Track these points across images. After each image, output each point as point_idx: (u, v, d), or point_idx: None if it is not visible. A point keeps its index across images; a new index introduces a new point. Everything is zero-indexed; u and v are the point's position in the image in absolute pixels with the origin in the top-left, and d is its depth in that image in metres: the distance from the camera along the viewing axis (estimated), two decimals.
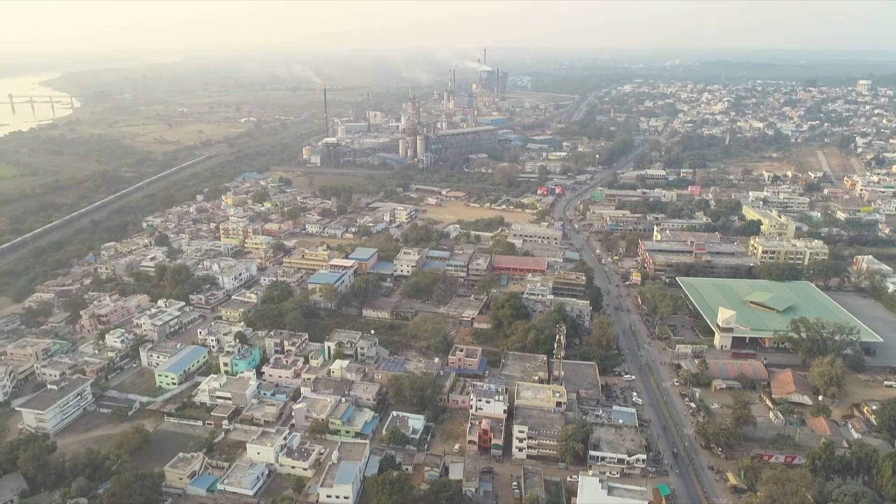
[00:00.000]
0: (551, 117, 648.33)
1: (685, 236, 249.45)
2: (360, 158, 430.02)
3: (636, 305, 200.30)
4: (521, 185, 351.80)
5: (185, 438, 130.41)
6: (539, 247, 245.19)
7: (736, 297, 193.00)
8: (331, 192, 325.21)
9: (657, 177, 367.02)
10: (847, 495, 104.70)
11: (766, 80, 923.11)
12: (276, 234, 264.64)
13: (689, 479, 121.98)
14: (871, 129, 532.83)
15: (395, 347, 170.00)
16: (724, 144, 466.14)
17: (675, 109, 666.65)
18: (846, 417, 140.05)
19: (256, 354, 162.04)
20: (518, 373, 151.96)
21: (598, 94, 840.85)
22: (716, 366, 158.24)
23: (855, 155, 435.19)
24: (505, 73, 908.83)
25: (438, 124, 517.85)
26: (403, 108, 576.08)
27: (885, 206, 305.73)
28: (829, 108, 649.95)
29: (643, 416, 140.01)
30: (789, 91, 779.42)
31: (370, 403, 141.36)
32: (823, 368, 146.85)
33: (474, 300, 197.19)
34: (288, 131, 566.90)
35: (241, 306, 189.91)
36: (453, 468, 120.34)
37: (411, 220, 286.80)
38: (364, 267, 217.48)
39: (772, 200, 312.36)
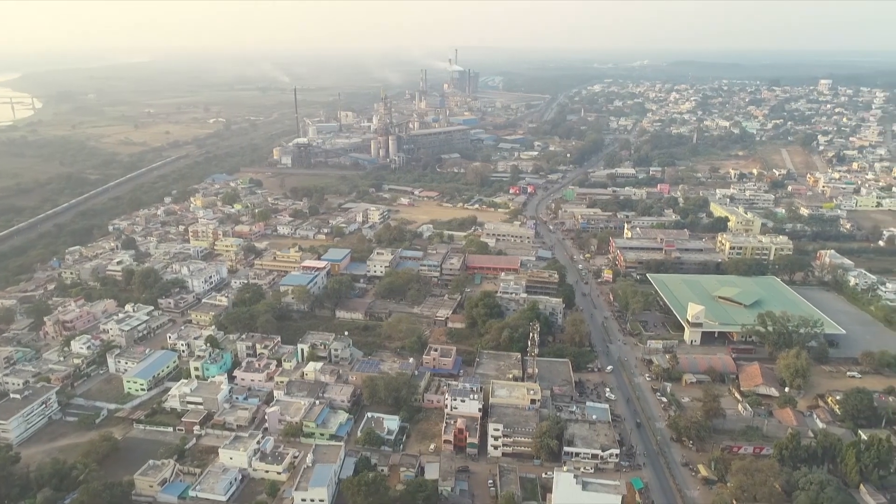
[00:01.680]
0: (523, 117, 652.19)
1: (655, 234, 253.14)
2: (331, 159, 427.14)
3: (608, 302, 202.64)
4: (494, 185, 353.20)
5: (156, 445, 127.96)
6: (512, 246, 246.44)
7: (705, 292, 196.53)
8: (302, 193, 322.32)
9: (627, 175, 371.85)
10: (813, 483, 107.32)
11: (732, 79, 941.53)
12: (247, 235, 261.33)
13: (662, 472, 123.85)
14: (832, 127, 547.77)
15: (370, 348, 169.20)
16: (691, 143, 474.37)
17: (643, 109, 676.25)
18: (811, 408, 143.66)
19: (228, 358, 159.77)
20: (492, 371, 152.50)
21: (568, 93, 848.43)
22: (686, 360, 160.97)
23: (817, 153, 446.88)
24: (476, 73, 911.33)
25: (410, 124, 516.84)
26: (375, 109, 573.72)
27: (846, 202, 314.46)
28: (792, 107, 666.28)
29: (616, 412, 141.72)
30: (754, 90, 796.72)
31: (345, 405, 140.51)
32: (789, 361, 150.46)
33: (448, 300, 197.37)
34: (258, 132, 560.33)
35: (212, 310, 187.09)
36: (429, 468, 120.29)
37: (384, 221, 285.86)
38: (337, 268, 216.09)
39: (738, 198, 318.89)
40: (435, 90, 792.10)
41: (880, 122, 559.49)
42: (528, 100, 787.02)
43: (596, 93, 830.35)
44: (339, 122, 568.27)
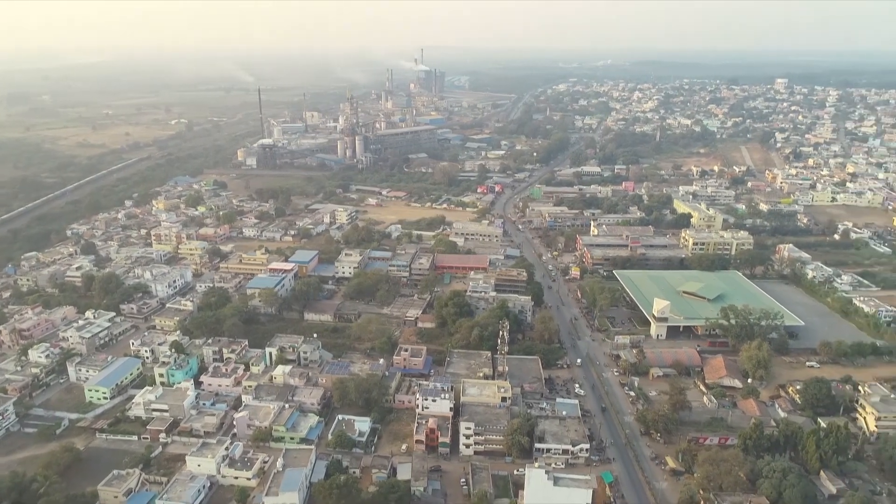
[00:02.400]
0: (489, 116, 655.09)
1: (621, 231, 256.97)
2: (297, 160, 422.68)
3: (576, 299, 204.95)
4: (462, 184, 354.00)
5: (120, 455, 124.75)
6: (480, 245, 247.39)
7: (670, 287, 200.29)
8: (268, 195, 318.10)
9: (593, 173, 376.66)
10: (776, 471, 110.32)
11: (693, 79, 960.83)
12: (212, 238, 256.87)
13: (631, 465, 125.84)
14: (789, 124, 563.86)
15: (339, 350, 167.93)
16: (655, 141, 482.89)
17: (608, 108, 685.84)
18: (773, 398, 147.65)
19: (194, 363, 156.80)
20: (463, 370, 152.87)
21: (534, 93, 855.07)
22: (653, 354, 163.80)
23: (775, 149, 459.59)
24: (442, 73, 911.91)
25: (377, 124, 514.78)
26: (341, 109, 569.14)
27: (803, 197, 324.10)
28: (750, 105, 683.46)
29: (585, 407, 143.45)
30: (714, 89, 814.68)
31: (315, 408, 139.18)
32: (751, 353, 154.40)
33: (418, 300, 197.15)
34: (221, 133, 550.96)
35: (177, 314, 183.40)
36: (401, 468, 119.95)
37: (352, 222, 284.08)
38: (305, 270, 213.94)
39: (700, 194, 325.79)
40: (401, 90, 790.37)
41: (834, 120, 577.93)
42: (494, 99, 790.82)
43: (561, 92, 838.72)
44: (305, 123, 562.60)
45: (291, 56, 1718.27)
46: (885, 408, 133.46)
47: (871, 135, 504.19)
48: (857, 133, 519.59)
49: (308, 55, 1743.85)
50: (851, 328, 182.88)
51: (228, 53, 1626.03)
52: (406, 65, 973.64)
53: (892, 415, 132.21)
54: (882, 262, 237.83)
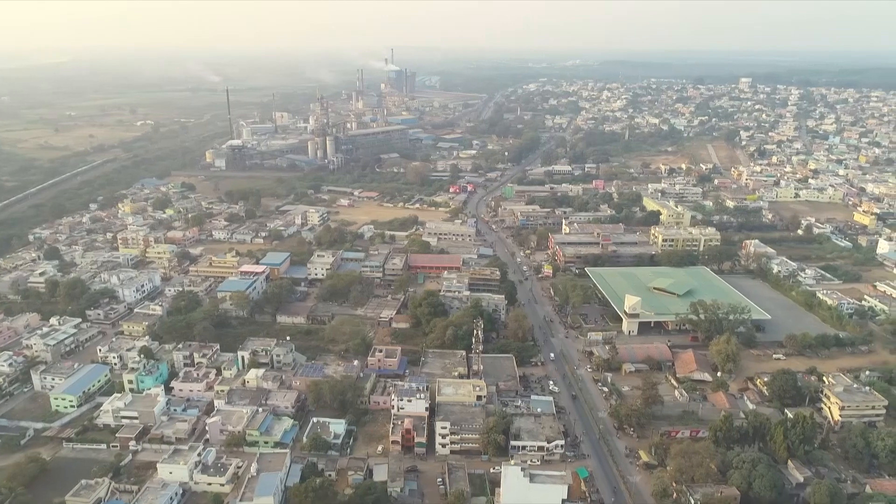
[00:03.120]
0: (460, 116, 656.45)
1: (592, 228, 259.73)
2: (267, 161, 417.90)
3: (549, 297, 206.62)
4: (434, 184, 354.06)
5: (88, 464, 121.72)
6: (454, 244, 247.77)
7: (640, 284, 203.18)
8: (238, 197, 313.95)
9: (564, 172, 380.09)
10: (745, 462, 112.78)
11: (660, 78, 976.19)
12: (181, 241, 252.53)
13: (605, 460, 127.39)
14: (753, 123, 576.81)
15: (313, 352, 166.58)
16: (624, 140, 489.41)
17: (577, 107, 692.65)
18: (742, 390, 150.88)
19: (164, 369, 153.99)
20: (438, 370, 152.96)
21: (504, 92, 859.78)
22: (625, 350, 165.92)
23: (740, 147, 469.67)
24: (413, 73, 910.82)
25: (348, 125, 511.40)
26: (311, 109, 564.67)
27: (767, 193, 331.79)
28: (716, 104, 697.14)
29: (560, 404, 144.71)
30: (680, 89, 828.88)
31: (289, 411, 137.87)
32: (720, 346, 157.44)
33: (392, 300, 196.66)
34: (189, 134, 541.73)
35: (145, 319, 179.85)
36: (377, 470, 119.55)
37: (324, 223, 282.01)
38: (276, 272, 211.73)
39: (669, 192, 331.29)
40: (372, 90, 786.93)
41: (796, 118, 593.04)
42: (465, 99, 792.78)
43: (531, 92, 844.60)
44: (275, 124, 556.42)
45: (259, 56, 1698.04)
46: (848, 397, 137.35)
47: (831, 132, 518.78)
48: (818, 131, 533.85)
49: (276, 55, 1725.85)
50: (815, 320, 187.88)
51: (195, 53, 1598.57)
52: (376, 65, 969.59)
53: (856, 404, 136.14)
54: (843, 256, 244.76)
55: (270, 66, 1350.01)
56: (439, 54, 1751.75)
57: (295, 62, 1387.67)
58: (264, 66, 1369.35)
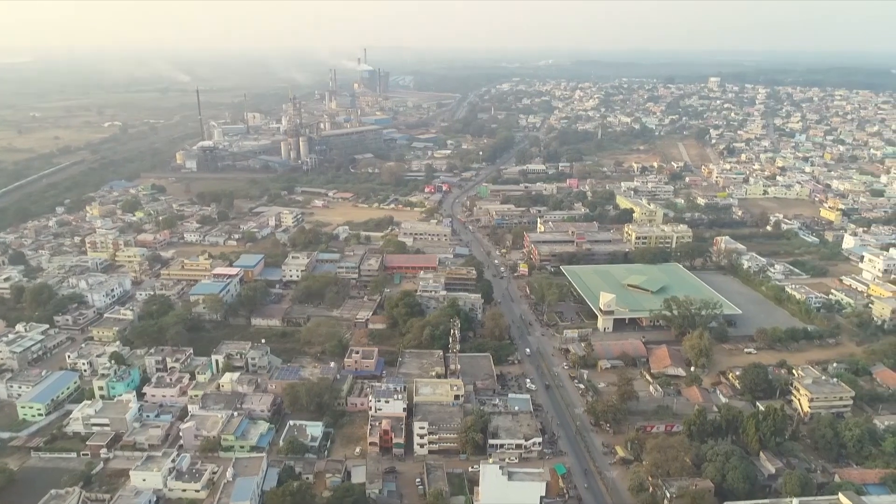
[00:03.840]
0: (434, 116, 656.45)
1: (566, 227, 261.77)
2: (239, 162, 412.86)
3: (525, 295, 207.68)
4: (409, 184, 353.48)
5: (58, 473, 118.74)
6: (429, 244, 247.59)
7: (615, 281, 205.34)
8: (210, 199, 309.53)
9: (538, 171, 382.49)
10: (719, 454, 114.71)
11: (632, 78, 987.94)
12: (152, 244, 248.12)
13: (583, 456, 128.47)
14: (722, 121, 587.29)
15: (289, 355, 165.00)
16: (597, 139, 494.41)
17: (550, 106, 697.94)
18: (715, 384, 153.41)
19: (136, 375, 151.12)
20: (416, 370, 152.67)
21: (478, 92, 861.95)
22: (601, 347, 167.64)
23: (710, 145, 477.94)
24: (386, 73, 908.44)
25: (321, 125, 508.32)
26: (284, 109, 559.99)
27: (737, 191, 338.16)
28: (686, 103, 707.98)
29: (537, 401, 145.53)
30: (651, 88, 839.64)
31: (265, 415, 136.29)
32: (693, 342, 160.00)
33: (368, 301, 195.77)
34: (159, 135, 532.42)
35: (116, 324, 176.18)
36: (355, 472, 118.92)
37: (298, 224, 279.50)
38: (250, 274, 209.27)
39: (641, 190, 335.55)
40: (345, 90, 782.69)
41: (763, 117, 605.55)
42: (439, 99, 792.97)
43: (504, 91, 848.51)
44: (247, 124, 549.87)
45: (229, 56, 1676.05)
46: (817, 389, 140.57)
47: (798, 130, 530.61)
48: (785, 129, 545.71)
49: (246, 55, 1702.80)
50: (785, 314, 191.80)
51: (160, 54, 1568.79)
52: (349, 65, 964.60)
53: (824, 396, 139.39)
54: (811, 251, 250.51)
55: (240, 67, 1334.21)
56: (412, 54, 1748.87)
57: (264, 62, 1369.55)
58: (233, 66, 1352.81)
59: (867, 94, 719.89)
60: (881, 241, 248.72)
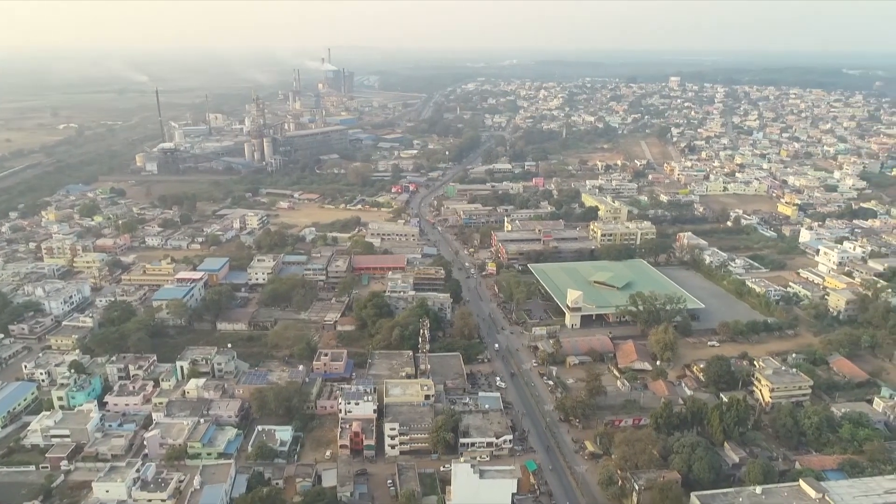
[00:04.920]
0: (400, 116, 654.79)
1: (533, 225, 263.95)
2: (202, 164, 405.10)
3: (493, 294, 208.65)
4: (376, 185, 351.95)
5: (16, 488, 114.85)
6: (397, 244, 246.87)
7: (581, 278, 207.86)
8: (172, 202, 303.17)
9: (504, 170, 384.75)
10: (685, 446, 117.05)
11: (595, 77, 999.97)
12: (111, 249, 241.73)
13: (553, 452, 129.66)
14: (683, 120, 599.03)
15: (256, 359, 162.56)
16: (561, 138, 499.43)
17: (516, 106, 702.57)
18: (680, 378, 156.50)
19: (97, 383, 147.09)
20: (385, 371, 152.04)
21: (443, 92, 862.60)
22: (569, 343, 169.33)
23: (671, 143, 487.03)
24: (351, 73, 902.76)
25: (286, 125, 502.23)
26: (247, 110, 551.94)
27: (698, 187, 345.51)
28: (647, 102, 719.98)
29: (507, 399, 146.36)
30: (614, 88, 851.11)
31: (232, 421, 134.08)
32: (659, 336, 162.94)
33: (336, 303, 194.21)
34: (117, 137, 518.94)
35: (75, 332, 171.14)
36: (326, 475, 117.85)
37: (263, 226, 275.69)
38: (215, 278, 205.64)
39: (606, 188, 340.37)
40: (309, 90, 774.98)
41: (722, 115, 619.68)
42: (404, 99, 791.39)
43: (470, 91, 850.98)
44: (209, 125, 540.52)
45: (185, 56, 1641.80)
46: (777, 380, 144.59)
47: (755, 128, 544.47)
48: (743, 127, 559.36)
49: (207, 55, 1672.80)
50: (745, 308, 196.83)
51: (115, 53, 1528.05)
52: (312, 65, 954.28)
53: (784, 386, 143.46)
54: (769, 245, 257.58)
55: (200, 66, 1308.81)
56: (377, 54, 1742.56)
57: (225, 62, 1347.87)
58: (193, 66, 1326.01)
59: (820, 93, 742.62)
60: (835, 235, 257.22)
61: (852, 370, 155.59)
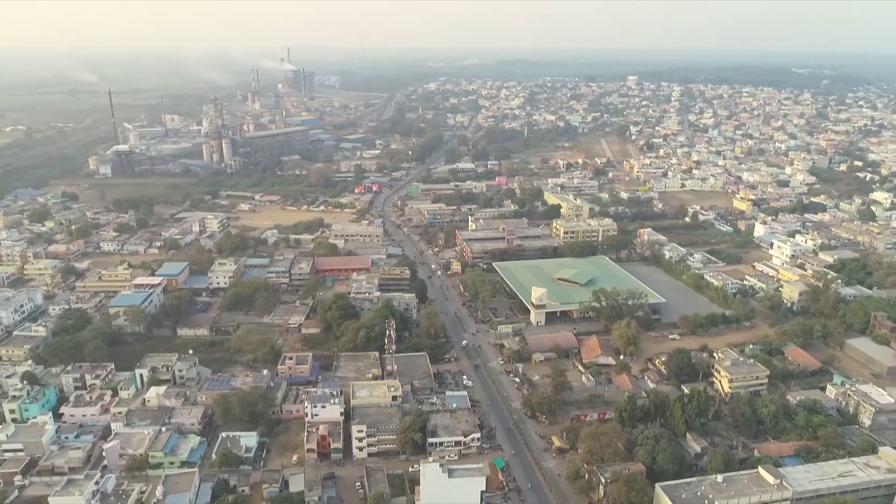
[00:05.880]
0: (362, 116, 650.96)
1: (497, 224, 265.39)
2: (159, 166, 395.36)
3: (459, 293, 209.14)
4: (338, 185, 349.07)
5: None
6: (361, 245, 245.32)
7: (546, 275, 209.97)
8: (127, 205, 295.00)
9: (467, 170, 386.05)
10: (649, 438, 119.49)
11: (555, 77, 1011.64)
12: (64, 256, 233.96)
13: (521, 449, 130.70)
14: (641, 118, 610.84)
15: (219, 364, 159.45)
16: (523, 137, 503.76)
17: (477, 105, 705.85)
18: (643, 371, 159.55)
19: (52, 394, 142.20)
20: (352, 373, 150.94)
21: (405, 92, 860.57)
22: (534, 340, 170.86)
23: (630, 141, 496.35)
24: (311, 73, 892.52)
25: (245, 126, 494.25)
26: (204, 111, 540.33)
27: (657, 184, 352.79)
28: (607, 101, 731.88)
29: (474, 397, 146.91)
30: (574, 87, 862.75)
31: (195, 428, 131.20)
32: (622, 331, 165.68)
33: (300, 305, 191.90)
34: (68, 140, 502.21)
35: (27, 342, 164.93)
36: (293, 480, 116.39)
37: (224, 229, 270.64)
38: (175, 283, 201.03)
39: (568, 186, 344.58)
40: (269, 91, 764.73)
41: (678, 113, 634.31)
42: (366, 99, 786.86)
43: (432, 91, 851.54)
44: (165, 127, 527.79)
45: (138, 56, 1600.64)
46: (736, 370, 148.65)
47: (710, 126, 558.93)
48: (699, 124, 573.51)
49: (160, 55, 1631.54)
50: (704, 301, 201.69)
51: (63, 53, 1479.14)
52: (271, 65, 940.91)
53: (742, 376, 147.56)
54: (725, 240, 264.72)
55: (154, 67, 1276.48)
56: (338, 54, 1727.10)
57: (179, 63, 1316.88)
58: (147, 66, 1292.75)
59: (771, 91, 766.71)
60: (788, 229, 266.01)
61: (806, 359, 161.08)
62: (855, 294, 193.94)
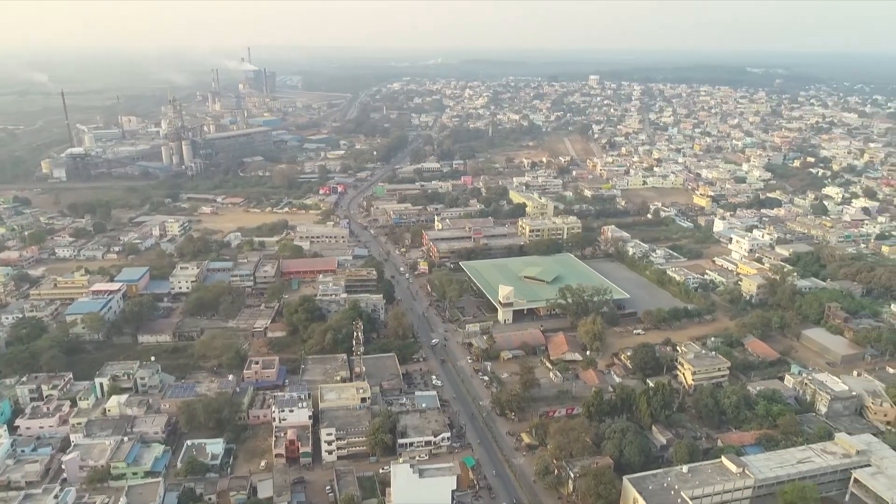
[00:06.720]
0: (326, 116, 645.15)
1: (463, 223, 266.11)
2: (116, 169, 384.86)
3: (426, 293, 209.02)
4: (303, 186, 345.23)
5: None
6: (327, 247, 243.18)
7: (512, 274, 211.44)
8: (84, 210, 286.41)
9: (433, 169, 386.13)
10: (616, 432, 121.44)
11: (518, 76, 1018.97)
12: (17, 262, 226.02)
13: (490, 446, 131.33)
14: (603, 117, 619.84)
15: (183, 371, 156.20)
16: (488, 136, 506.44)
17: (442, 105, 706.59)
18: (609, 366, 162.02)
19: (6, 407, 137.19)
20: (320, 376, 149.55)
21: (369, 92, 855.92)
22: (502, 338, 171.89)
23: (593, 140, 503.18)
24: (273, 73, 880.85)
25: (205, 127, 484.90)
26: (163, 112, 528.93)
27: (620, 182, 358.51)
28: (569, 100, 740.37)
29: (443, 397, 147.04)
30: (537, 86, 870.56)
31: (159, 437, 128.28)
32: (588, 327, 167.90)
33: (265, 309, 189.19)
34: (19, 143, 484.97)
35: None
36: (262, 486, 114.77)
37: (185, 233, 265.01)
38: (135, 288, 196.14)
39: (532, 184, 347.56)
40: (230, 91, 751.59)
41: (639, 112, 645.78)
42: (329, 99, 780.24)
43: (396, 91, 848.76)
44: (122, 128, 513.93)
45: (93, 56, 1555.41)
46: (698, 363, 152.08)
47: (670, 124, 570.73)
48: (659, 123, 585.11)
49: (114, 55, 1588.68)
50: (667, 296, 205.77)
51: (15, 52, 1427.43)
52: (231, 64, 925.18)
53: (705, 368, 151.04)
54: (686, 235, 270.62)
55: (109, 67, 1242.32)
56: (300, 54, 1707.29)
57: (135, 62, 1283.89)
58: (99, 66, 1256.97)
59: (727, 90, 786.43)
60: (745, 224, 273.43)
61: (765, 350, 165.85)
62: (810, 286, 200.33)
